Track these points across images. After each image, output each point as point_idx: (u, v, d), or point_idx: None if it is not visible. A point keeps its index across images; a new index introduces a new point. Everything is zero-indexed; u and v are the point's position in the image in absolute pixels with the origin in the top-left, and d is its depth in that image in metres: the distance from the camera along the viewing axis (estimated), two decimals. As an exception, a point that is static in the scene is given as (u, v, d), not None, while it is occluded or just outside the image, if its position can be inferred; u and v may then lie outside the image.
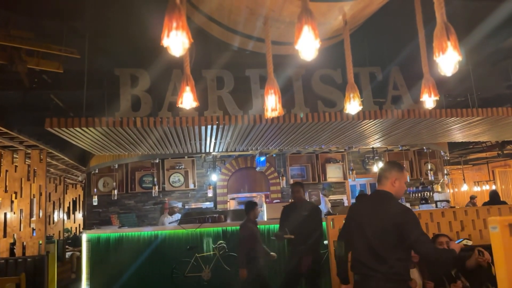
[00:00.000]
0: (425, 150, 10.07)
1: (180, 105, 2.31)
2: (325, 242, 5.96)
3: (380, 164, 10.39)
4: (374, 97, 5.22)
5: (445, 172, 11.34)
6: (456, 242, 3.15)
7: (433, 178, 10.59)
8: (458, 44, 2.06)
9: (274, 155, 10.78)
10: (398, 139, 6.65)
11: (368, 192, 11.42)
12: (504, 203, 8.84)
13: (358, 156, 11.20)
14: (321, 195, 8.77)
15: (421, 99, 2.65)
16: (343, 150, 10.51)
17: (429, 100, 2.62)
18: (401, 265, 2.70)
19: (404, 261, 2.72)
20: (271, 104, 2.32)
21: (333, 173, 10.92)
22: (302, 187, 5.19)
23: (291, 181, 10.82)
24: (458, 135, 6.57)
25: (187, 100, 2.30)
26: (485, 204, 8.23)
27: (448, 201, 9.60)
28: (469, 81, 5.40)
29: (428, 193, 10.02)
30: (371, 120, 5.00)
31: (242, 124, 4.73)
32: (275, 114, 2.33)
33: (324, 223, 4.89)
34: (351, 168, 9.98)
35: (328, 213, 7.24)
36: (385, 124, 5.34)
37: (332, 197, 9.76)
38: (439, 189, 10.70)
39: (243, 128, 5.01)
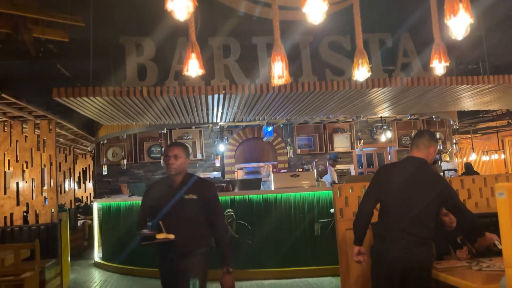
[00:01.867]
0: (434, 119, 9.97)
1: (186, 73, 2.29)
2: (332, 210, 6.04)
3: (389, 134, 10.36)
4: (384, 65, 5.13)
5: (454, 141, 11.25)
6: None
7: (441, 147, 10.54)
8: (470, 6, 1.99)
9: (281, 125, 10.76)
10: (407, 107, 6.58)
11: (375, 162, 11.44)
12: (476, 173, 9.06)
13: (366, 126, 11.14)
14: (328, 165, 8.80)
15: (431, 65, 2.60)
16: (350, 119, 10.45)
17: (439, 66, 2.56)
18: (433, 229, 2.89)
19: (434, 226, 2.91)
20: (278, 71, 2.28)
21: (341, 143, 10.90)
22: None
23: (299, 151, 10.85)
24: (468, 103, 6.48)
25: (193, 67, 2.27)
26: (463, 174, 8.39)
27: (456, 170, 9.60)
28: (481, 47, 5.26)
29: (436, 162, 10.00)
30: (380, 88, 4.94)
31: (249, 93, 4.70)
32: (282, 81, 2.30)
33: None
34: (359, 138, 9.95)
35: (334, 183, 7.29)
36: (394, 92, 5.27)
37: (338, 166, 9.79)
38: (447, 159, 10.67)
39: (250, 97, 4.98)
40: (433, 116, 9.48)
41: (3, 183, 6.24)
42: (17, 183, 6.26)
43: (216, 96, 4.84)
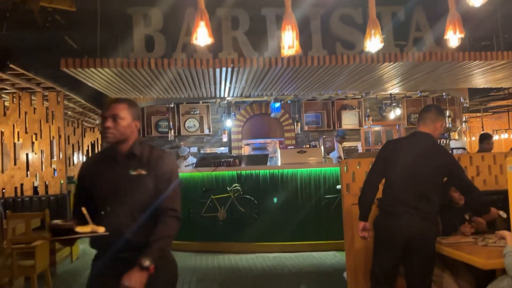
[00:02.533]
0: (444, 97, 9.83)
1: (194, 42, 2.25)
2: (338, 186, 6.05)
3: (398, 111, 10.25)
4: (395, 40, 5.02)
5: (464, 119, 11.12)
6: None
7: (450, 125, 10.43)
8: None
9: (289, 102, 10.68)
10: (417, 83, 6.48)
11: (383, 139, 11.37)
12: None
13: (375, 103, 11.02)
14: (335, 141, 8.77)
15: (445, 37, 2.53)
16: (359, 96, 10.33)
17: (453, 38, 2.50)
18: (438, 204, 2.90)
19: (439, 201, 2.92)
20: (288, 41, 2.23)
21: (349, 120, 10.82)
22: None
23: (306, 128, 10.81)
24: (480, 80, 6.36)
25: (202, 36, 2.24)
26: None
27: (464, 149, 9.51)
28: (495, 22, 5.11)
29: (445, 141, 9.91)
30: (391, 63, 4.85)
31: (257, 67, 4.64)
32: (292, 52, 2.25)
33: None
34: (367, 115, 9.86)
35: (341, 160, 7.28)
36: (405, 68, 5.18)
37: (346, 144, 9.76)
38: (456, 137, 10.57)
39: (259, 71, 4.92)
40: (444, 94, 9.34)
41: (13, 154, 6.32)
42: (27, 155, 6.33)
43: (224, 69, 4.79)
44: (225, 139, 10.59)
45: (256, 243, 6.40)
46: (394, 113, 10.21)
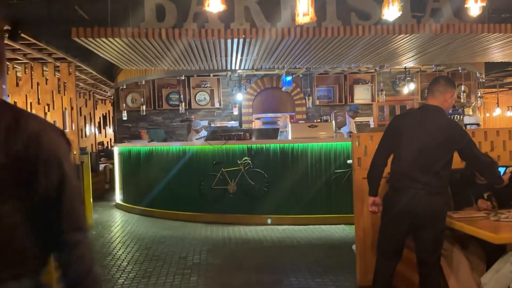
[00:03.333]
0: (460, 71, 9.59)
1: (207, 8, 2.20)
2: (349, 161, 6.03)
3: (412, 86, 10.06)
4: (412, 11, 4.87)
5: (479, 95, 10.89)
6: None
7: (465, 101, 10.23)
8: None
9: (300, 75, 10.54)
10: (433, 57, 6.33)
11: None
12: None
13: (388, 77, 10.83)
14: (347, 115, 8.68)
15: (466, 5, 2.43)
16: (373, 70, 10.15)
17: (474, 6, 2.40)
18: (447, 178, 2.83)
19: (448, 175, 2.84)
20: (303, 8, 2.17)
21: (361, 95, 10.68)
22: None
23: (317, 102, 10.70)
24: (498, 54, 6.18)
25: (214, 2, 2.18)
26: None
27: (478, 125, 9.36)
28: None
29: (458, 116, 9.75)
30: (407, 35, 4.73)
31: (269, 38, 4.57)
32: (307, 19, 2.19)
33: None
34: (381, 89, 9.70)
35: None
36: (421, 40, 5.05)
37: (358, 119, 9.66)
38: (470, 113, 10.38)
39: (271, 42, 4.84)
40: (459, 68, 9.12)
41: (26, 124, 6.39)
42: (40, 125, 6.40)
43: (235, 40, 4.72)
44: (235, 112, 10.56)
45: (266, 216, 6.47)
46: (408, 88, 10.02)
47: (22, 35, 4.93)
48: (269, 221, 4.53)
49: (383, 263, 3.00)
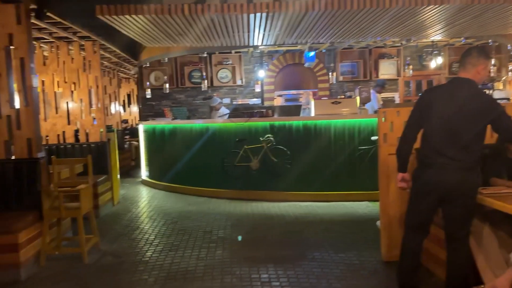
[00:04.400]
0: (490, 43, 9.22)
1: (230, -19, 2.16)
2: (373, 138, 5.95)
3: (439, 60, 9.74)
4: (442, -20, 4.66)
5: (510, 68, 10.46)
6: None
7: (495, 75, 9.85)
8: None
9: (323, 51, 10.36)
10: (462, 29, 6.09)
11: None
12: None
13: (415, 51, 10.51)
14: (372, 91, 8.51)
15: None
16: (399, 44, 9.86)
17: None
18: (478, 153, 2.76)
19: (479, 150, 2.77)
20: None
21: (386, 70, 10.43)
22: None
23: (341, 78, 10.52)
24: (534, 25, 5.89)
25: (238, -25, 2.14)
26: None
27: (508, 99, 9.03)
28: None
29: (488, 91, 9.42)
30: (437, 6, 4.55)
31: (293, 11, 4.47)
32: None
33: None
34: (407, 63, 9.43)
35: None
36: (450, 11, 4.85)
37: (383, 95, 9.46)
38: (500, 87, 10.00)
39: (294, 16, 4.75)
40: (490, 41, 8.76)
41: (54, 103, 6.55)
42: (67, 103, 6.55)
43: (258, 15, 4.65)
44: (257, 89, 10.52)
45: (288, 192, 6.50)
46: (436, 62, 9.72)
47: (48, 14, 4.99)
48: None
49: (411, 238, 2.99)
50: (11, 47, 4.19)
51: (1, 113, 4.22)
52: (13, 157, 4.30)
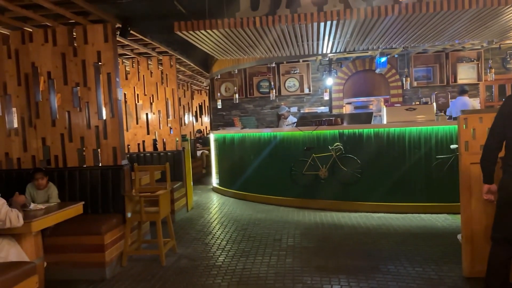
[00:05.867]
0: None
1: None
2: (453, 146, 5.61)
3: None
4: (530, -25, 4.31)
5: None
6: None
7: None
8: None
9: (396, 56, 10.00)
10: (555, 28, 5.54)
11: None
12: None
13: (497, 53, 9.77)
14: (462, 97, 7.98)
15: None
16: (479, 47, 9.23)
17: None
18: None
19: None
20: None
21: (465, 74, 9.80)
22: None
23: (415, 84, 10.08)
24: None
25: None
26: None
27: None
28: None
29: None
30: (523, 4, 4.20)
31: (364, 17, 4.40)
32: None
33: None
34: (489, 67, 8.79)
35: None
36: (540, 9, 4.45)
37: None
38: None
39: (366, 22, 4.66)
40: None
41: (135, 114, 7.04)
42: (147, 114, 7.00)
43: (328, 23, 4.63)
44: (326, 97, 10.43)
45: (359, 203, 6.33)
46: (522, 64, 8.94)
47: (131, 31, 5.41)
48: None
49: (499, 253, 2.79)
50: (99, 63, 4.60)
51: (90, 124, 4.63)
52: (100, 164, 4.68)
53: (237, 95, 10.52)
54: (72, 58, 4.57)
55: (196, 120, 14.14)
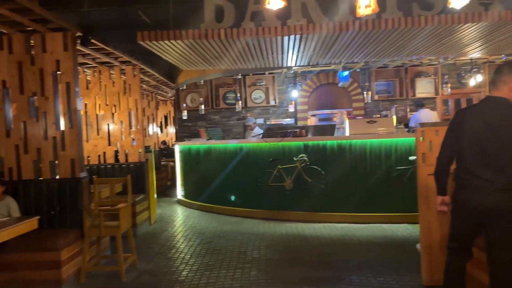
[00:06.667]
0: (534, 60, 8.86)
1: (267, 6, 2.23)
2: (411, 158, 5.80)
3: (479, 77, 9.46)
4: (480, -3, 4.58)
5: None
6: None
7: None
8: None
9: (358, 70, 10.31)
10: (502, 46, 5.90)
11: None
12: None
13: (453, 69, 10.27)
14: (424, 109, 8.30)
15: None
16: (436, 62, 9.67)
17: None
18: None
19: None
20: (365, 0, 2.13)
21: (424, 88, 10.21)
22: None
23: (376, 97, 10.40)
24: None
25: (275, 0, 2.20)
26: None
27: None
28: None
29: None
30: (474, 24, 4.45)
31: (327, 33, 4.51)
32: (368, 11, 2.15)
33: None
34: (445, 81, 9.21)
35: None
36: (489, 28, 4.73)
37: (419, 114, 9.24)
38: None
39: (328, 37, 4.78)
40: (534, 57, 8.43)
41: (96, 125, 6.84)
42: (108, 125, 6.82)
43: (292, 37, 4.71)
44: (291, 109, 10.57)
45: (323, 213, 6.41)
46: (475, 80, 9.44)
47: (92, 40, 5.27)
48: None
49: (454, 261, 2.88)
50: (58, 72, 4.45)
51: (48, 135, 4.45)
52: (57, 177, 4.50)
53: (203, 106, 10.46)
54: (29, 67, 4.40)
55: (161, 131, 13.92)
